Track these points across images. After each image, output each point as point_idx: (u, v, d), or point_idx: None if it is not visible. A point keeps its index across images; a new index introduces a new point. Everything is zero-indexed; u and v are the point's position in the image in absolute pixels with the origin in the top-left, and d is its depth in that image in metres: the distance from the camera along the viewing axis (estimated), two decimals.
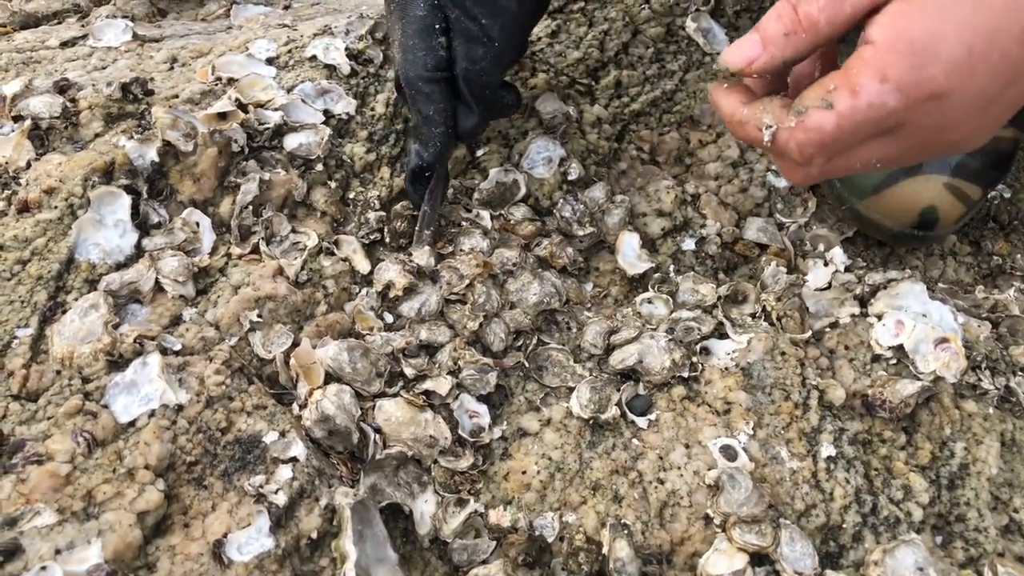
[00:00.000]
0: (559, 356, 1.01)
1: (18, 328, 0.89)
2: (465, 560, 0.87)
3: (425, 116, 1.01)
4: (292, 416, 0.88)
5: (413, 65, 0.99)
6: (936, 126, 0.61)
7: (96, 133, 1.05)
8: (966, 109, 0.60)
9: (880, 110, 0.59)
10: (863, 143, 0.63)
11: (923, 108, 0.59)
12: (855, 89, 0.59)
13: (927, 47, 0.58)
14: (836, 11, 0.61)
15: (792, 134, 0.62)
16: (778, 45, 0.64)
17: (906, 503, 0.93)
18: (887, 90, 0.59)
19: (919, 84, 0.59)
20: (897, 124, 0.61)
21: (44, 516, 0.75)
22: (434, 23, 0.98)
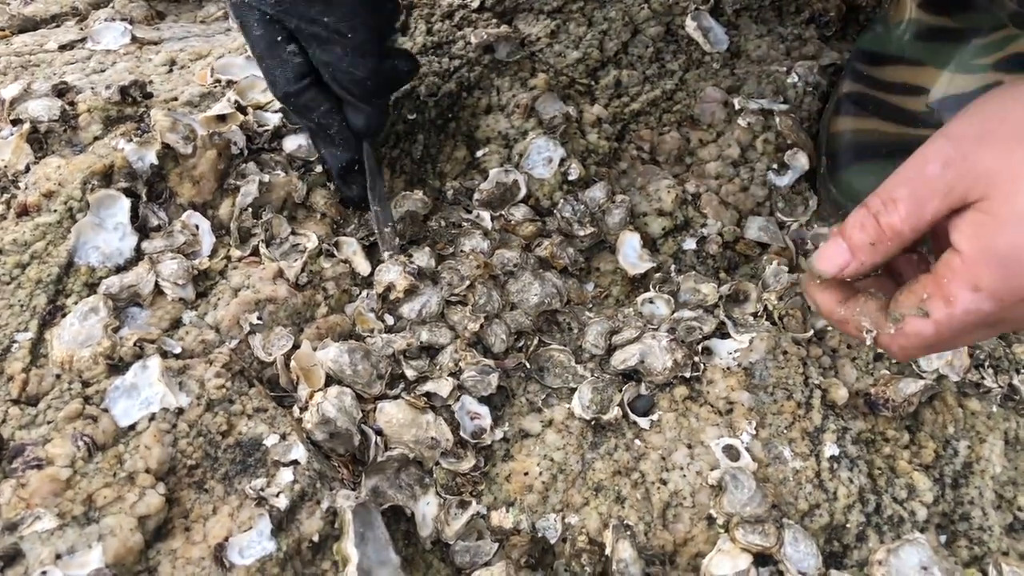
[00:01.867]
0: (560, 357, 1.00)
1: (17, 332, 0.88)
2: (467, 562, 0.87)
3: (317, 124, 0.99)
4: (293, 419, 0.88)
5: (276, 83, 0.96)
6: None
7: (95, 136, 1.04)
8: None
9: (976, 315, 0.62)
10: (962, 338, 0.66)
11: (1016, 309, 0.62)
12: (949, 299, 0.63)
13: (1013, 257, 0.60)
14: (918, 220, 0.64)
15: (893, 340, 0.66)
16: (867, 253, 0.67)
17: (910, 502, 0.92)
18: (981, 298, 0.62)
19: (1011, 291, 0.61)
20: (993, 324, 0.64)
21: (44, 521, 0.74)
22: (275, 36, 0.94)
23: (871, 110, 1.20)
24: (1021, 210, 0.60)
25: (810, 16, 1.40)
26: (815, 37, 1.38)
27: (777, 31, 1.37)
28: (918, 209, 0.64)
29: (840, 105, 1.24)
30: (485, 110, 1.20)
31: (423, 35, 1.24)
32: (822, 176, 1.22)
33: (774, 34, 1.36)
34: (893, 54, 1.21)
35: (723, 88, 1.27)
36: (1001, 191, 0.60)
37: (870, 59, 1.24)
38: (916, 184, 0.64)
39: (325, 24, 0.91)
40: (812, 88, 1.30)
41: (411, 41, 1.23)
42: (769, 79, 1.30)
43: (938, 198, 0.63)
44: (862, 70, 1.24)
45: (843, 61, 1.34)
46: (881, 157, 1.15)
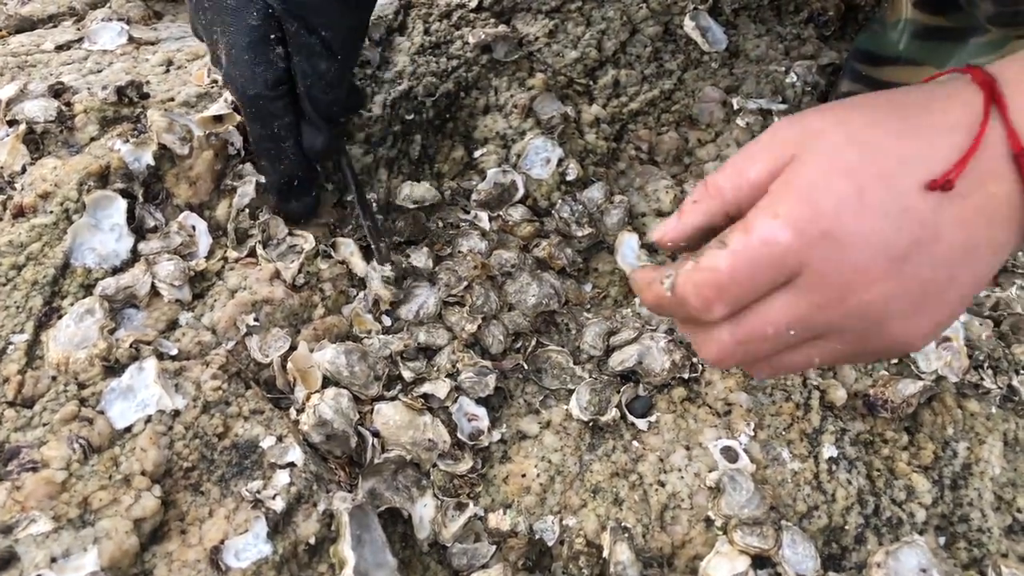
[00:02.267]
0: (558, 358, 1.00)
1: (13, 334, 0.88)
2: (465, 564, 0.86)
3: (270, 133, 0.96)
4: (289, 421, 0.88)
5: (251, 82, 0.91)
6: (837, 273, 0.58)
7: (91, 137, 1.04)
8: (868, 258, 0.58)
9: (773, 246, 0.58)
10: (767, 297, 0.60)
11: (818, 248, 0.58)
12: (748, 228, 0.59)
13: (816, 186, 0.58)
14: (739, 178, 0.62)
15: (689, 277, 0.60)
16: (689, 211, 0.65)
17: (909, 504, 0.92)
18: (778, 225, 0.58)
19: (810, 220, 0.57)
20: (795, 267, 0.58)
21: (40, 524, 0.74)
22: (269, 33, 0.90)
23: None
24: (829, 145, 0.59)
25: (809, 16, 1.40)
26: (814, 37, 1.37)
27: (776, 31, 1.36)
28: (741, 170, 0.62)
29: None
30: (483, 110, 1.20)
31: (420, 35, 1.24)
32: None
33: (773, 34, 1.36)
34: (891, 54, 1.21)
35: (721, 88, 1.27)
36: (815, 139, 0.60)
37: (868, 59, 1.24)
38: (745, 150, 0.64)
39: (323, 38, 0.90)
40: (811, 88, 1.30)
41: (408, 41, 1.23)
42: (768, 79, 1.29)
43: (761, 160, 0.61)
44: (860, 70, 1.24)
45: (842, 61, 1.34)
46: None
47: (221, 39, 0.92)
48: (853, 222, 0.57)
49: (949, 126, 0.59)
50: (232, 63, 0.92)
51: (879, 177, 0.58)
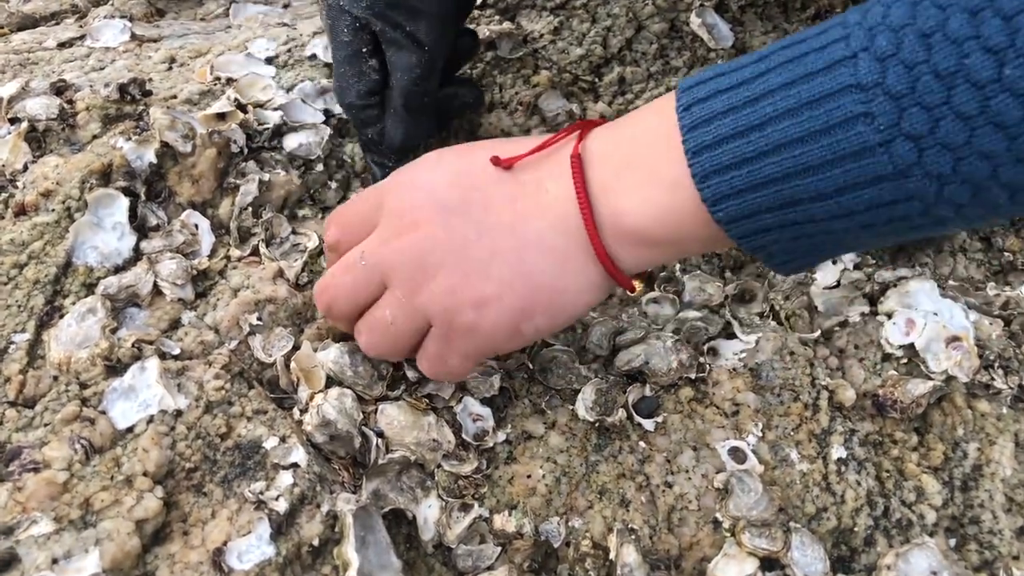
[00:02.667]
0: (564, 357, 0.99)
1: (15, 333, 0.87)
2: (470, 566, 0.85)
3: (367, 139, 1.04)
4: (293, 421, 0.87)
5: (347, 92, 0.99)
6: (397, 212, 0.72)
7: (94, 135, 1.03)
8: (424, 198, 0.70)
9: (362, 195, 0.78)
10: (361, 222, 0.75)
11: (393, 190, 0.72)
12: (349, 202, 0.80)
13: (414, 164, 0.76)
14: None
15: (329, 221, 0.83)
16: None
17: (919, 505, 0.91)
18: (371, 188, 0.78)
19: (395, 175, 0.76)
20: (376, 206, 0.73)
21: (41, 525, 0.73)
22: (361, 47, 0.96)
23: None
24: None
25: (816, 12, 1.39)
26: None
27: (783, 28, 1.35)
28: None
29: None
30: (487, 107, 1.19)
31: None
32: None
33: (779, 31, 1.35)
34: None
35: None
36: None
37: None
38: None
39: (407, 32, 0.94)
40: None
41: None
42: None
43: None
44: None
45: None
46: None
47: (330, 51, 1.01)
48: (424, 173, 0.71)
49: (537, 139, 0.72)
50: (335, 74, 1.00)
51: (458, 153, 0.73)
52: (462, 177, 0.69)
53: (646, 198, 0.66)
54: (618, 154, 0.68)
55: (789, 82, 0.60)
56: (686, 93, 0.65)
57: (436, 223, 0.68)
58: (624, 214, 0.67)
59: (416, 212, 0.69)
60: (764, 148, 0.61)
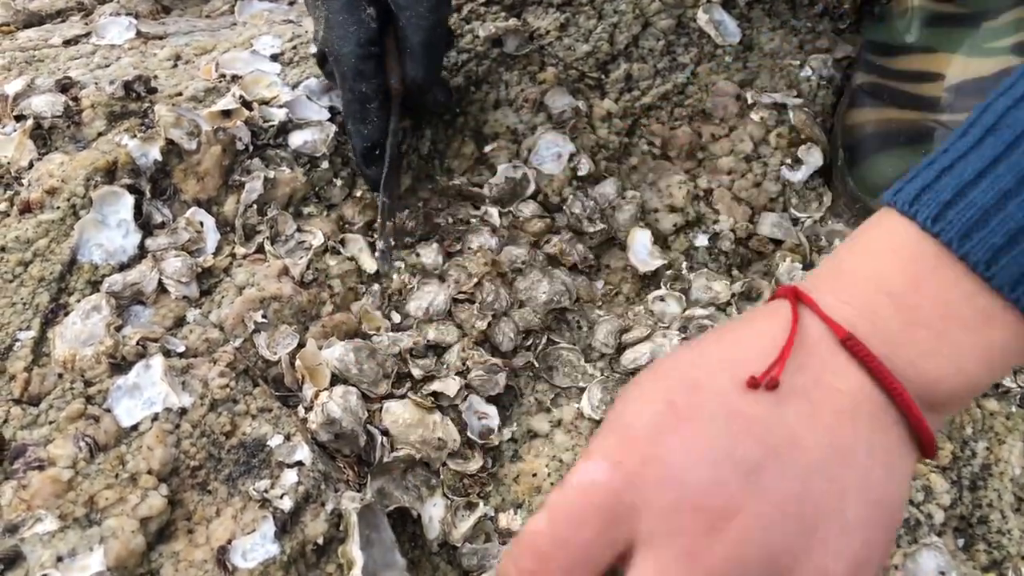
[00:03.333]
0: (570, 356, 0.99)
1: (20, 331, 0.87)
2: (475, 565, 0.85)
3: (361, 94, 0.99)
4: (298, 419, 0.87)
5: (345, 40, 0.96)
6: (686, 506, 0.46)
7: (99, 132, 1.03)
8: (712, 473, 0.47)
9: (590, 488, 0.48)
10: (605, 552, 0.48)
11: (645, 476, 0.47)
12: (563, 482, 0.49)
13: (626, 411, 0.51)
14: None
15: (509, 554, 0.49)
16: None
17: (927, 505, 0.90)
18: (591, 464, 0.49)
19: (625, 448, 0.48)
20: (629, 506, 0.47)
21: (45, 523, 0.73)
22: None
23: (887, 99, 1.18)
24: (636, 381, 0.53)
25: (824, 9, 1.38)
26: (829, 30, 1.35)
27: (790, 24, 1.35)
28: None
29: (855, 97, 1.22)
30: (493, 105, 1.19)
31: None
32: (839, 170, 1.20)
33: (787, 27, 1.34)
34: (902, 43, 1.20)
35: (735, 82, 1.25)
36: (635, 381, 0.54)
37: (881, 49, 1.23)
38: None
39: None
40: (826, 82, 1.28)
41: None
42: (782, 73, 1.28)
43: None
44: (874, 61, 1.23)
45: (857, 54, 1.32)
46: (901, 145, 1.13)
47: (322, 8, 0.97)
48: (673, 438, 0.48)
49: (757, 332, 0.53)
50: (329, 27, 0.97)
51: (689, 388, 0.51)
52: (733, 424, 0.48)
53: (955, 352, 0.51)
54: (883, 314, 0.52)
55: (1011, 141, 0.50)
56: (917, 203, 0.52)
57: (754, 495, 0.47)
58: (939, 382, 0.51)
59: (716, 494, 0.46)
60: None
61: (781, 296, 0.55)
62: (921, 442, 0.52)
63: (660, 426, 0.49)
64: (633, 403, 0.51)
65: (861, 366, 0.51)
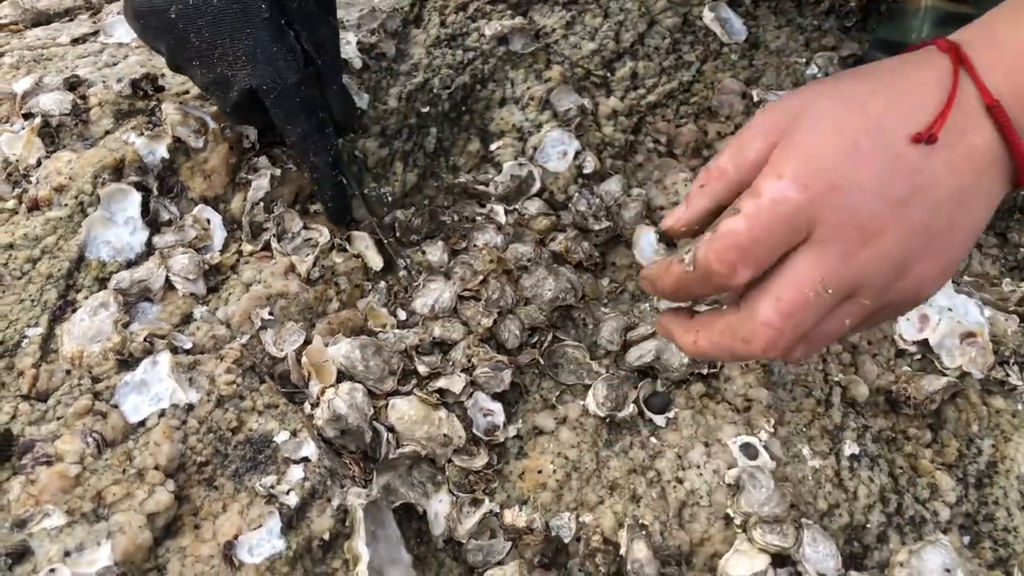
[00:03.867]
0: (575, 353, 0.99)
1: (28, 327, 0.88)
2: (480, 561, 0.85)
3: (318, 121, 0.94)
4: (304, 415, 0.87)
5: (287, 71, 0.90)
6: (850, 223, 0.61)
7: (106, 130, 1.04)
8: (873, 203, 0.61)
9: (784, 204, 0.61)
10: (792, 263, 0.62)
11: (827, 200, 0.61)
12: (757, 192, 0.62)
13: (813, 145, 0.62)
14: (741, 158, 0.65)
15: (709, 246, 0.62)
16: (697, 196, 0.68)
17: (932, 502, 0.90)
18: (785, 184, 0.61)
19: (813, 174, 0.61)
20: (808, 220, 0.61)
21: (53, 518, 0.74)
22: (281, 19, 0.90)
23: None
24: (819, 111, 0.63)
25: (830, 7, 1.38)
26: (835, 28, 1.35)
27: (796, 22, 1.35)
28: (740, 149, 0.66)
29: None
30: (499, 103, 1.19)
31: (437, 27, 1.23)
32: None
33: (793, 25, 1.34)
34: (911, 42, 1.19)
35: (741, 80, 1.25)
36: (801, 115, 0.64)
37: (889, 48, 1.22)
38: (741, 132, 0.67)
39: (319, 5, 0.92)
40: None
41: (424, 33, 1.22)
42: (788, 70, 1.28)
43: (759, 137, 0.65)
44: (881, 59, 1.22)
45: (863, 52, 1.32)
46: None
47: (232, 48, 0.89)
48: (854, 172, 0.61)
49: (922, 85, 0.64)
50: (258, 63, 0.89)
51: (868, 131, 0.62)
52: (899, 164, 0.62)
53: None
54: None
55: None
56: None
57: (898, 222, 0.62)
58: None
59: (873, 219, 0.61)
60: None
61: (942, 50, 0.65)
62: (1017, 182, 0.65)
63: (844, 162, 0.61)
64: (818, 135, 0.62)
65: (996, 127, 0.63)
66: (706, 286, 0.65)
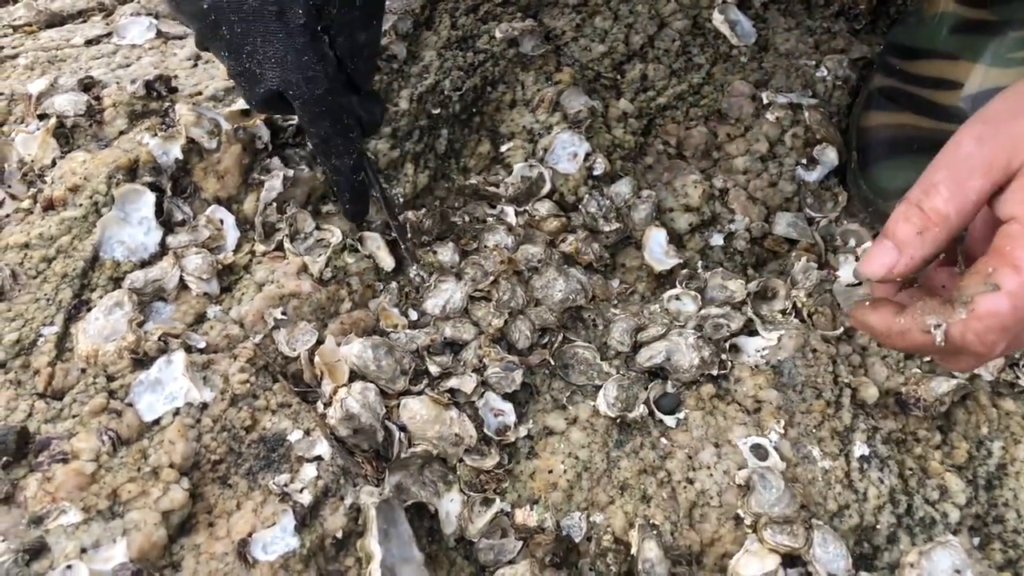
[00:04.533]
0: (585, 354, 0.99)
1: (43, 326, 0.89)
2: (491, 560, 0.86)
3: (343, 127, 0.93)
4: (317, 414, 0.88)
5: (317, 81, 0.88)
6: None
7: (120, 131, 1.04)
8: None
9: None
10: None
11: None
12: (1017, 265, 0.59)
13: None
14: (963, 200, 0.61)
15: (967, 325, 0.60)
16: (915, 246, 0.63)
17: (942, 503, 0.91)
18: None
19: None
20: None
21: (69, 515, 0.74)
22: (317, 26, 0.88)
23: (903, 105, 1.18)
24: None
25: (839, 9, 1.38)
26: (844, 30, 1.36)
27: (806, 24, 1.35)
28: (960, 189, 0.61)
29: (871, 100, 1.22)
30: (510, 104, 1.19)
31: (447, 29, 1.23)
32: (852, 171, 1.20)
33: (802, 27, 1.35)
34: (926, 47, 1.19)
35: (751, 82, 1.26)
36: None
37: (903, 53, 1.22)
38: (954, 166, 0.62)
39: (360, 9, 0.89)
40: (841, 82, 1.29)
41: (435, 35, 1.23)
42: (798, 73, 1.28)
43: (978, 175, 0.60)
44: (895, 64, 1.22)
45: (873, 55, 1.32)
46: (913, 152, 1.13)
47: (263, 48, 0.87)
48: None
49: None
50: (288, 69, 0.88)
51: None
52: None
53: None
54: None
55: None
56: None
57: None
58: None
59: None
60: None
61: None
62: None
63: None
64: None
65: None
66: (954, 360, 0.65)
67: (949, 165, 0.62)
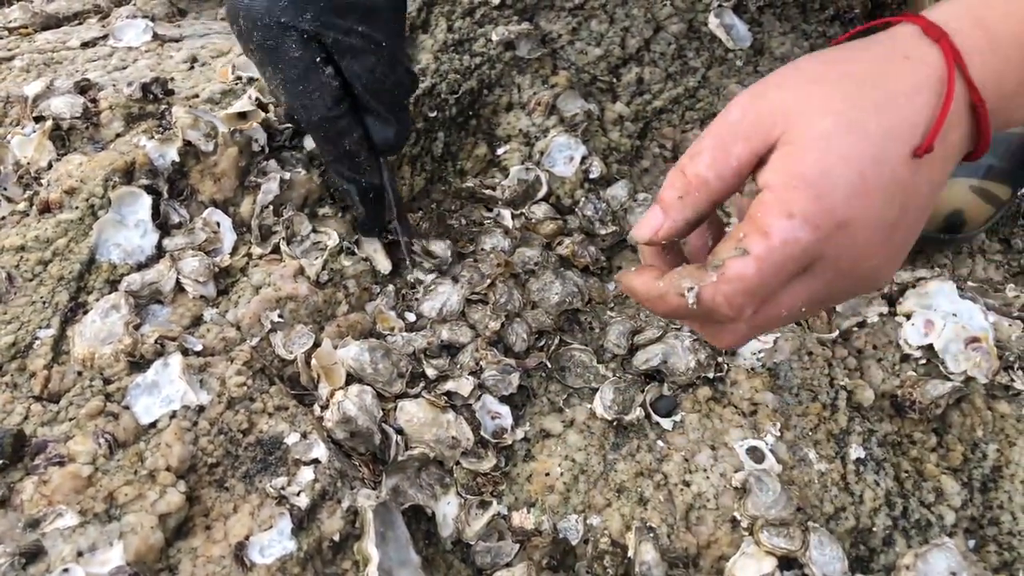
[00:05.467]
0: (582, 356, 0.99)
1: (40, 329, 0.88)
2: (488, 563, 0.86)
3: (346, 152, 0.95)
4: (314, 417, 0.88)
5: (313, 108, 0.91)
6: (848, 256, 0.61)
7: (117, 133, 1.04)
8: (872, 235, 0.61)
9: (795, 246, 0.59)
10: (785, 286, 0.62)
11: (834, 238, 0.60)
12: (766, 231, 0.59)
13: (822, 179, 0.59)
14: (723, 166, 0.62)
15: (716, 288, 0.61)
16: (676, 208, 0.65)
17: (938, 506, 0.91)
18: (796, 225, 0.59)
19: (825, 214, 0.59)
20: (813, 258, 0.61)
21: (66, 518, 0.74)
22: (314, 57, 0.90)
23: None
24: (821, 133, 0.60)
25: (835, 13, 1.39)
26: (839, 34, 1.36)
27: (801, 28, 1.35)
28: (722, 154, 0.62)
29: None
30: (506, 107, 1.20)
31: (444, 32, 1.23)
32: None
33: (798, 31, 1.35)
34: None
35: (746, 86, 1.26)
36: (799, 121, 0.60)
37: None
38: (719, 133, 0.63)
39: (361, 34, 0.90)
40: None
41: (432, 38, 1.23)
42: None
43: (740, 142, 0.62)
44: None
45: None
46: None
47: (274, 77, 0.92)
48: (861, 208, 0.60)
49: (916, 87, 0.61)
50: (290, 96, 0.92)
51: (873, 160, 0.60)
52: (895, 188, 0.61)
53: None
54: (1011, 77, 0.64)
55: None
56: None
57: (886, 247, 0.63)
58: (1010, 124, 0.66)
59: (867, 249, 0.62)
60: None
61: (930, 37, 0.62)
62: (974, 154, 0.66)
63: (853, 198, 0.60)
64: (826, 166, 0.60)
65: (973, 122, 0.63)
66: (705, 320, 0.65)
67: (715, 133, 0.64)
